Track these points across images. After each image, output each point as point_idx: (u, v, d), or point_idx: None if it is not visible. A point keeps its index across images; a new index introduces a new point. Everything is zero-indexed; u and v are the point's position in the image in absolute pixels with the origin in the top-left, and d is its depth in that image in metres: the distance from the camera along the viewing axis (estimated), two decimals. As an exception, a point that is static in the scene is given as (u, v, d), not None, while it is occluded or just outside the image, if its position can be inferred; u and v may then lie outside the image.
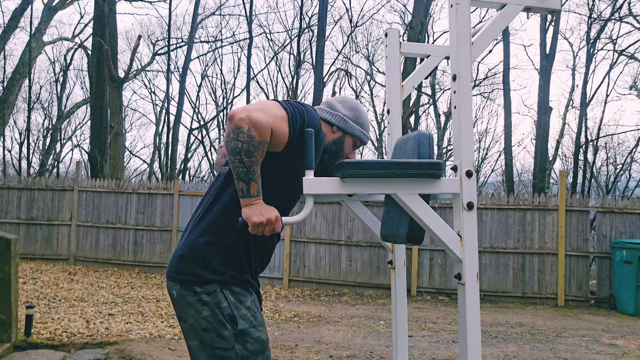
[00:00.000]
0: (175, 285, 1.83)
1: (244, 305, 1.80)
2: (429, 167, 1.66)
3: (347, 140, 2.00)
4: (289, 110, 1.74)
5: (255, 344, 1.79)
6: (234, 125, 1.62)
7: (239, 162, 1.63)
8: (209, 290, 1.77)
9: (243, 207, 1.68)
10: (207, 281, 1.78)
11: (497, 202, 8.61)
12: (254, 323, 1.80)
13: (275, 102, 1.77)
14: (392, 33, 2.35)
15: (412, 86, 2.39)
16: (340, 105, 2.02)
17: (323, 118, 1.99)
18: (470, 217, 1.74)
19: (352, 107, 2.03)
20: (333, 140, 1.98)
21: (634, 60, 16.94)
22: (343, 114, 2.00)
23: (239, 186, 1.67)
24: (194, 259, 1.80)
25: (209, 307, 1.77)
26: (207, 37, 22.36)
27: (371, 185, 1.66)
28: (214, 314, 1.76)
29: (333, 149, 1.98)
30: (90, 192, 10.37)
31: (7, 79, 19.41)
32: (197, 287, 1.78)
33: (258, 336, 1.80)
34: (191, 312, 1.79)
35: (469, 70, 1.75)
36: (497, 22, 1.87)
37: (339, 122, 1.98)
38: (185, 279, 1.80)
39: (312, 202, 1.69)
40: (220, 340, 1.76)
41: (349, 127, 1.99)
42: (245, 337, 1.77)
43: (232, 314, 1.77)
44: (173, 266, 1.85)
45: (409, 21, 14.47)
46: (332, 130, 1.99)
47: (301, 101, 1.86)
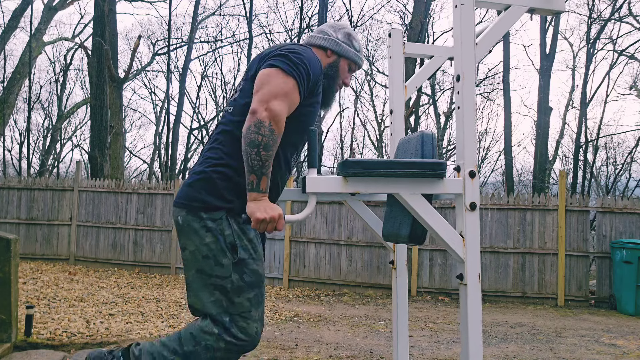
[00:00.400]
0: (182, 211, 1.84)
1: (246, 237, 1.81)
2: (432, 167, 1.66)
3: (342, 64, 2.02)
4: (294, 73, 1.76)
5: (252, 275, 1.80)
6: (257, 119, 1.66)
7: (255, 154, 1.65)
8: (215, 217, 1.79)
9: (249, 202, 1.69)
10: (214, 207, 1.79)
11: (497, 202, 8.61)
12: (253, 256, 1.81)
13: (278, 71, 1.76)
14: (396, 33, 2.35)
15: (415, 87, 2.39)
16: (332, 29, 2.04)
17: (316, 44, 2.00)
18: (472, 217, 1.74)
19: (344, 30, 2.04)
20: (328, 64, 2.00)
21: (634, 60, 16.96)
22: (336, 38, 2.01)
23: (250, 179, 1.68)
24: (204, 186, 1.81)
25: (212, 234, 1.78)
26: (207, 37, 22.40)
27: (374, 185, 1.66)
28: (216, 240, 1.77)
29: (329, 73, 1.99)
30: (90, 192, 10.37)
31: (7, 79, 19.40)
32: (203, 212, 1.79)
33: (255, 269, 1.81)
34: (194, 239, 1.80)
35: (473, 70, 1.75)
36: (501, 23, 1.87)
37: (332, 46, 2.00)
38: (192, 204, 1.81)
39: (315, 200, 1.69)
40: (218, 268, 1.77)
41: (342, 49, 2.00)
42: (243, 267, 1.78)
43: (234, 242, 1.78)
44: (182, 194, 1.87)
45: (409, 21, 14.46)
46: (326, 54, 2.00)
47: (297, 46, 1.88)
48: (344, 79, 2.05)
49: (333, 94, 2.03)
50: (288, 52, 1.81)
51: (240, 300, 1.78)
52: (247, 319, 1.79)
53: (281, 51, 1.83)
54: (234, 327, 1.77)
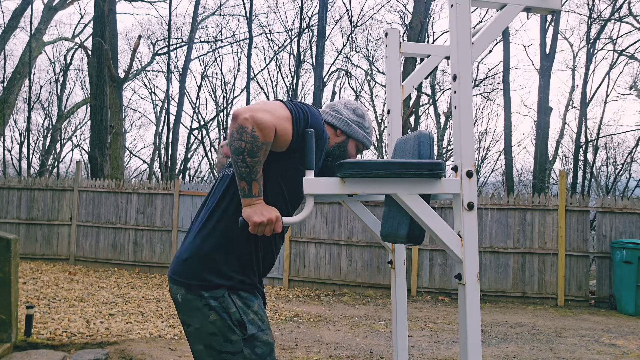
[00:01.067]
0: (180, 289, 1.80)
1: (251, 310, 1.78)
2: (430, 167, 1.66)
3: (351, 144, 2.00)
4: (292, 110, 1.73)
5: (263, 347, 1.79)
6: (238, 125, 1.61)
7: (241, 161, 1.62)
8: (217, 295, 1.75)
9: (244, 207, 1.67)
10: (215, 286, 1.75)
11: (497, 202, 8.61)
12: (261, 327, 1.79)
13: (278, 101, 1.76)
14: (392, 33, 2.35)
15: (412, 86, 2.39)
16: (344, 109, 2.02)
17: (327, 121, 1.99)
18: (470, 217, 1.74)
19: (356, 111, 2.02)
20: (336, 144, 1.98)
21: (634, 60, 16.95)
22: (347, 118, 1.99)
23: (241, 186, 1.66)
24: (201, 262, 1.77)
25: (216, 312, 1.75)
26: (207, 37, 22.39)
27: (371, 185, 1.66)
28: (222, 319, 1.74)
29: (336, 153, 1.98)
30: (90, 192, 10.37)
31: (7, 79, 19.41)
32: (204, 291, 1.75)
33: (266, 340, 1.80)
34: (197, 317, 1.77)
35: (469, 70, 1.75)
36: (497, 22, 1.87)
37: (342, 126, 1.98)
38: (192, 283, 1.77)
39: (313, 202, 1.68)
40: (228, 345, 1.75)
41: (352, 131, 1.98)
42: (254, 342, 1.77)
43: (241, 319, 1.76)
44: (177, 270, 1.82)
45: (409, 21, 14.47)
46: (335, 134, 1.98)
47: (304, 102, 1.84)
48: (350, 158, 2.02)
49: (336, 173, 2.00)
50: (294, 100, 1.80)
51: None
52: None
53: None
54: None
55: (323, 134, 1.83)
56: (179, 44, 21.43)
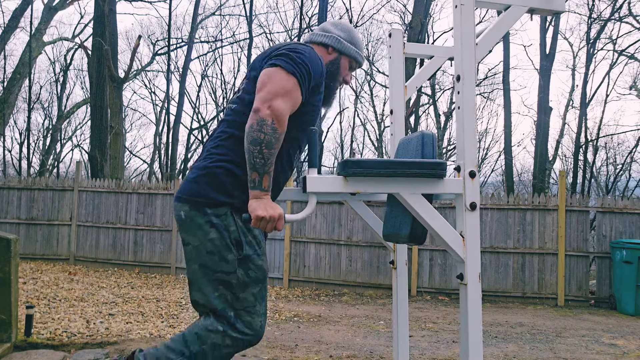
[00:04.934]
0: (184, 206, 1.83)
1: (251, 233, 1.81)
2: (433, 167, 1.66)
3: (343, 61, 2.03)
4: (296, 72, 1.77)
5: (257, 271, 1.81)
6: (260, 117, 1.67)
7: (258, 152, 1.66)
8: (220, 213, 1.78)
9: (251, 199, 1.69)
10: (219, 203, 1.79)
11: (497, 202, 8.61)
12: (258, 251, 1.82)
13: (280, 70, 1.77)
14: (396, 34, 2.35)
15: (415, 87, 2.39)
16: (333, 27, 2.05)
17: (318, 41, 2.02)
18: (472, 217, 1.74)
19: (346, 28, 2.06)
20: (329, 62, 2.01)
21: (634, 60, 16.97)
22: (337, 35, 2.02)
23: (252, 177, 1.68)
24: (208, 181, 1.81)
25: (217, 229, 1.78)
26: (207, 37, 22.39)
27: (374, 185, 1.66)
28: (221, 236, 1.77)
29: (330, 70, 2.00)
30: (90, 192, 10.37)
31: (7, 79, 19.41)
32: (207, 208, 1.79)
33: (260, 264, 1.82)
34: (197, 234, 1.79)
35: (473, 71, 1.75)
36: (501, 23, 1.87)
37: (333, 43, 2.01)
38: (196, 199, 1.80)
39: (315, 200, 1.69)
40: (223, 264, 1.77)
41: (343, 47, 2.01)
42: (248, 263, 1.79)
43: (239, 239, 1.78)
44: (184, 188, 1.86)
45: (409, 21, 14.46)
46: (327, 51, 2.01)
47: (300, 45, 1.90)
48: (345, 77, 2.06)
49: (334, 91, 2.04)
50: (290, 52, 1.81)
51: (245, 295, 1.79)
52: (252, 314, 1.80)
53: (283, 50, 1.83)
54: (239, 322, 1.78)
55: (322, 72, 1.88)
56: (179, 44, 21.44)
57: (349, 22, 2.15)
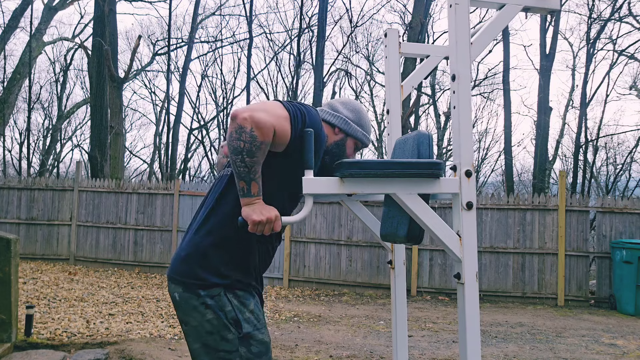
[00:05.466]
0: (178, 287, 1.82)
1: (247, 309, 1.80)
2: (429, 167, 1.66)
3: (349, 143, 2.00)
4: (290, 110, 1.74)
5: (259, 346, 1.80)
6: (237, 124, 1.62)
7: (240, 161, 1.63)
8: (213, 294, 1.77)
9: (243, 206, 1.68)
10: (211, 285, 1.77)
11: (497, 202, 8.61)
12: (257, 326, 1.81)
13: (277, 102, 1.77)
14: (392, 33, 2.36)
15: (411, 86, 2.39)
16: (342, 107, 2.02)
17: (325, 119, 1.99)
18: (469, 216, 1.74)
19: (354, 109, 2.03)
20: (335, 142, 1.98)
21: (634, 60, 16.96)
22: (345, 116, 1.99)
23: (240, 185, 1.67)
24: (198, 261, 1.79)
25: (212, 311, 1.76)
26: (207, 37, 22.37)
27: (371, 185, 1.66)
28: (218, 317, 1.76)
29: (335, 151, 1.97)
30: (90, 192, 10.37)
31: (7, 79, 19.42)
32: (200, 290, 1.77)
33: (261, 339, 1.81)
34: (194, 315, 1.79)
35: (468, 70, 1.75)
36: (496, 22, 1.87)
37: (341, 124, 1.98)
38: (189, 281, 1.79)
39: (312, 201, 1.69)
40: (224, 343, 1.76)
41: (351, 129, 1.98)
42: (249, 340, 1.78)
43: (237, 318, 1.77)
44: (175, 268, 1.84)
45: (409, 21, 14.46)
46: (334, 132, 1.98)
47: (302, 102, 1.85)
48: (349, 157, 2.02)
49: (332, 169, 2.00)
50: (292, 100, 1.81)
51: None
52: None
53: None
54: None
55: (320, 133, 1.83)
56: (179, 44, 21.44)
57: (357, 102, 2.10)
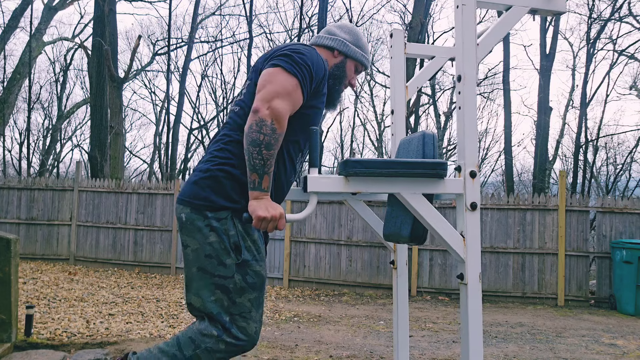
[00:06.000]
0: (186, 208, 1.83)
1: (250, 238, 1.81)
2: (434, 167, 1.66)
3: (349, 64, 2.03)
4: (297, 73, 1.76)
5: (254, 277, 1.80)
6: (259, 118, 1.66)
7: (257, 153, 1.65)
8: (220, 217, 1.78)
9: (250, 200, 1.69)
10: (220, 207, 1.79)
11: (497, 202, 8.61)
12: (257, 257, 1.82)
13: (281, 71, 1.77)
14: (397, 34, 2.35)
15: (416, 87, 2.39)
16: (339, 30, 2.05)
17: (323, 44, 2.01)
18: (473, 217, 1.74)
19: (351, 31, 2.05)
20: (335, 65, 2.00)
21: (634, 60, 16.96)
22: (343, 38, 2.02)
23: (251, 178, 1.68)
24: (210, 184, 1.81)
25: (216, 233, 1.77)
26: (207, 37, 22.39)
27: (375, 184, 1.66)
28: (220, 240, 1.77)
29: (336, 73, 2.00)
30: (90, 192, 10.37)
31: (7, 79, 19.41)
32: (208, 211, 1.79)
33: (258, 270, 1.82)
34: (197, 237, 1.80)
35: (474, 71, 1.75)
36: (502, 23, 1.87)
37: (339, 46, 2.00)
38: (198, 202, 1.81)
39: (316, 199, 1.69)
40: (221, 268, 1.77)
41: (349, 50, 2.01)
42: (246, 269, 1.79)
43: (238, 243, 1.78)
44: (185, 191, 1.86)
45: (409, 21, 14.46)
46: (333, 55, 2.01)
47: (301, 46, 1.88)
48: (350, 80, 2.06)
49: (339, 94, 2.03)
50: (292, 52, 1.81)
51: (241, 301, 1.78)
52: (247, 319, 1.79)
53: (285, 51, 1.83)
54: (233, 327, 1.77)
55: (325, 73, 1.87)
56: (179, 44, 21.44)
57: (354, 25, 2.14)
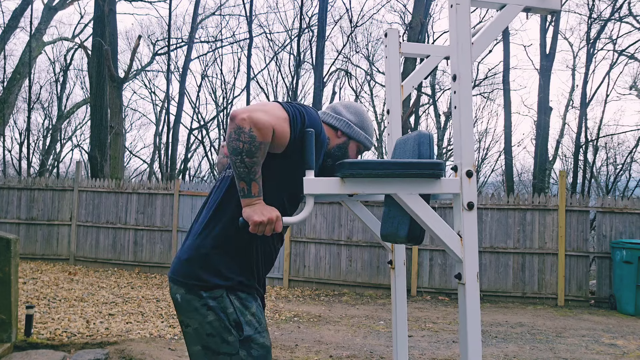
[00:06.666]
0: (180, 289, 1.81)
1: (249, 311, 1.79)
2: (430, 167, 1.66)
3: (352, 146, 2.00)
4: (290, 111, 1.74)
5: (259, 349, 1.79)
6: (236, 125, 1.62)
7: (240, 162, 1.63)
8: (215, 295, 1.76)
9: (244, 207, 1.67)
10: (213, 286, 1.76)
11: (497, 202, 8.61)
12: (258, 329, 1.80)
13: (276, 103, 1.76)
14: (392, 33, 2.35)
15: (411, 86, 2.39)
16: (345, 110, 2.02)
17: (328, 122, 1.99)
18: (470, 217, 1.74)
19: (357, 112, 2.02)
20: (337, 145, 1.98)
21: (634, 60, 16.95)
22: (348, 119, 1.99)
23: (240, 186, 1.66)
24: (201, 263, 1.78)
25: (214, 312, 1.76)
26: (207, 37, 22.37)
27: (372, 185, 1.66)
28: (219, 319, 1.75)
29: (337, 154, 1.97)
30: (90, 192, 10.37)
31: (7, 79, 19.42)
32: (203, 291, 1.76)
33: (262, 342, 1.80)
34: (196, 317, 1.78)
35: (469, 70, 1.75)
36: (497, 22, 1.87)
37: (343, 127, 1.98)
38: (191, 283, 1.78)
39: (313, 202, 1.69)
40: (224, 346, 1.76)
41: (353, 132, 1.98)
42: (250, 343, 1.77)
43: (238, 320, 1.76)
44: (177, 270, 1.83)
45: (409, 21, 14.46)
46: (336, 135, 1.98)
47: (302, 103, 1.85)
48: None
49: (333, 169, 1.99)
50: (292, 101, 1.81)
51: None
52: None
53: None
54: None
55: (320, 134, 1.82)
56: (179, 44, 21.44)
57: (360, 105, 2.10)
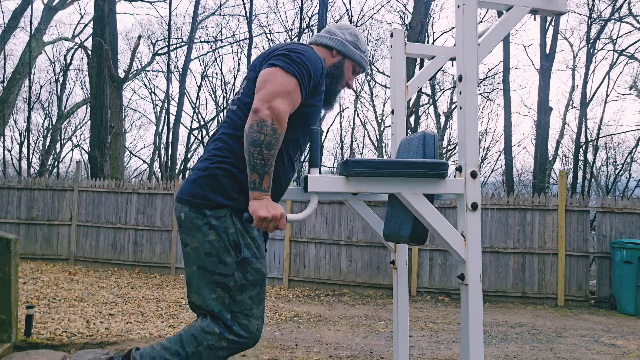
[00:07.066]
0: (184, 207, 1.84)
1: (249, 235, 1.81)
2: (434, 167, 1.66)
3: (347, 65, 2.04)
4: (296, 72, 1.77)
5: (255, 274, 1.81)
6: (259, 118, 1.67)
7: (258, 153, 1.66)
8: (219, 215, 1.79)
9: (251, 200, 1.70)
10: (218, 205, 1.80)
11: (497, 202, 8.61)
12: (256, 254, 1.82)
13: (279, 71, 1.77)
14: (398, 34, 2.35)
15: (416, 87, 2.39)
16: (339, 30, 2.06)
17: (322, 43, 2.03)
18: (474, 217, 1.74)
19: (351, 32, 2.07)
20: (333, 64, 2.02)
21: (634, 60, 16.96)
22: (342, 38, 2.03)
23: (252, 178, 1.69)
24: (208, 183, 1.82)
25: (215, 231, 1.78)
26: (207, 37, 22.38)
27: (376, 185, 1.66)
28: (220, 238, 1.78)
29: (333, 73, 2.01)
30: (90, 192, 10.36)
31: (7, 79, 19.41)
32: (207, 210, 1.80)
33: (258, 267, 1.82)
34: (197, 236, 1.80)
35: (475, 71, 1.75)
36: (503, 23, 1.87)
37: (338, 46, 2.02)
38: (196, 201, 1.81)
39: (317, 199, 1.69)
40: (221, 266, 1.78)
41: (348, 50, 2.02)
42: (246, 266, 1.79)
43: (238, 241, 1.79)
44: (184, 189, 1.87)
45: (409, 21, 14.46)
46: (331, 54, 2.02)
47: (299, 46, 1.88)
48: (348, 81, 2.06)
49: (336, 94, 2.04)
50: (289, 52, 1.81)
51: (242, 298, 1.79)
52: (248, 317, 1.80)
53: (283, 50, 1.83)
54: (235, 325, 1.78)
55: (322, 72, 1.87)
56: (179, 44, 21.43)
57: (354, 26, 2.15)
